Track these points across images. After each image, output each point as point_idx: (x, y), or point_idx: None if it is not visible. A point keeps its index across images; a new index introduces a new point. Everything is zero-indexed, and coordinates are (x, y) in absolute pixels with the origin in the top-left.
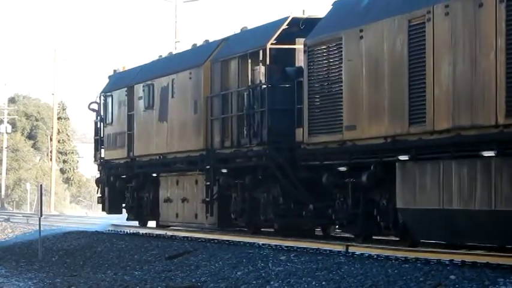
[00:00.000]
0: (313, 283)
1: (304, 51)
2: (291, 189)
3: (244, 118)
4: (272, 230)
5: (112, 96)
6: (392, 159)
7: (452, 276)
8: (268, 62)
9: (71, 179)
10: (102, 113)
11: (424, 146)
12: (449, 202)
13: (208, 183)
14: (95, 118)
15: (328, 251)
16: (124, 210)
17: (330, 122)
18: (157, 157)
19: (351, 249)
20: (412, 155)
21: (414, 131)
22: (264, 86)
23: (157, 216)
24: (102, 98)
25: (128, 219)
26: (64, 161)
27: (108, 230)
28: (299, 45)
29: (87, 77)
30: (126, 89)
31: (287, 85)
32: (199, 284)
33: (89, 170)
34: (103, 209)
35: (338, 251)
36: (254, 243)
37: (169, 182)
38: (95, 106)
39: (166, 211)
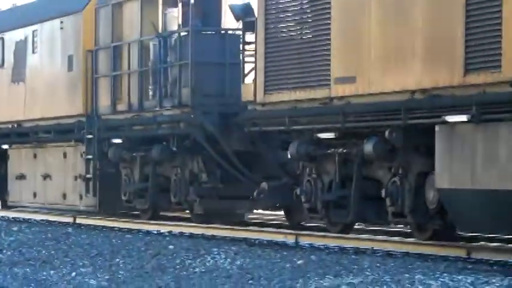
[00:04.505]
0: (43, 252)
1: None
2: (220, 164)
3: (150, 75)
4: (188, 215)
5: None
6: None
7: (171, 246)
8: (192, 2)
9: None
10: None
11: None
12: None
13: (89, 156)
14: None
15: (57, 222)
16: None
17: (306, 73)
18: (10, 126)
19: (78, 221)
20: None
21: (473, 80)
22: (185, 32)
23: (5, 195)
24: None
25: None
26: None
27: None
28: None
29: None
30: None
31: (213, 32)
32: None
33: None
34: None
35: (67, 222)
36: None
37: (23, 155)
38: None
39: (19, 190)
